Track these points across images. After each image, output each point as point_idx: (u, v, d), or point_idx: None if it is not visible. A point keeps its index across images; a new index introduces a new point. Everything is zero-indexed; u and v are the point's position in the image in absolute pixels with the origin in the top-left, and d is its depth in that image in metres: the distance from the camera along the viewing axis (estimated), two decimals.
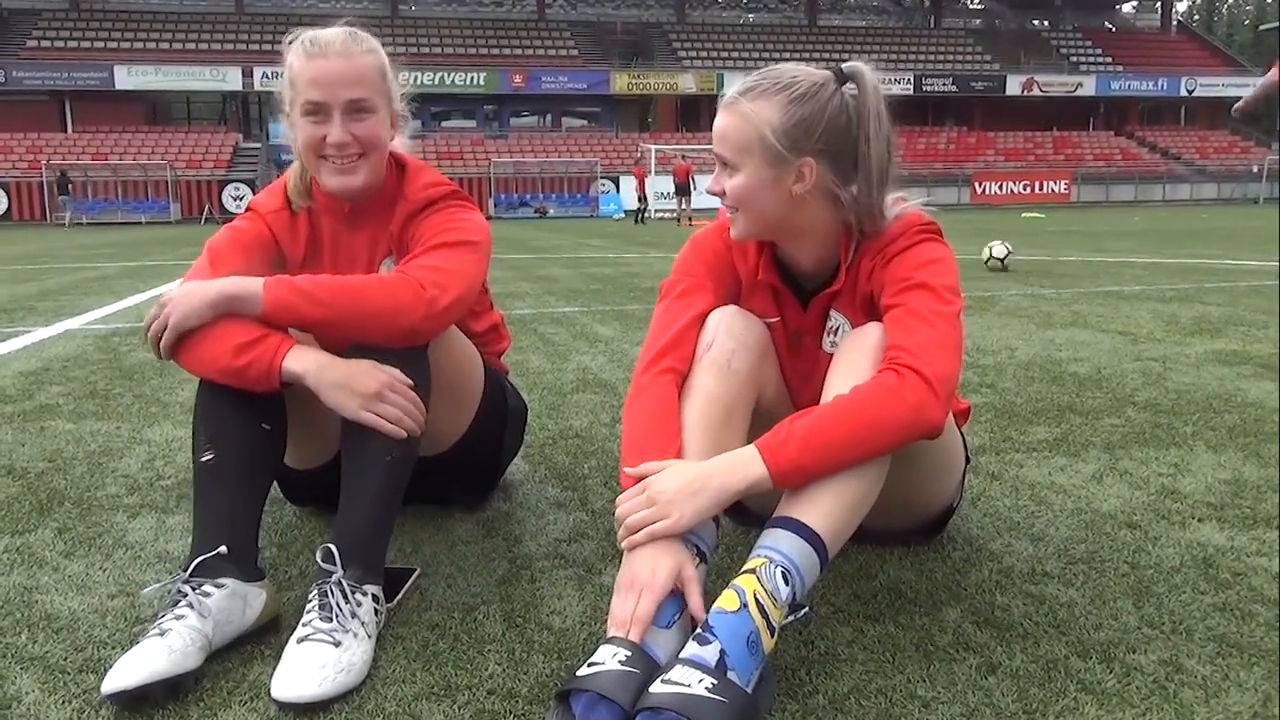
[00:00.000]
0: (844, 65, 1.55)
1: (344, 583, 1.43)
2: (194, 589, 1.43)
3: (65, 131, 36.98)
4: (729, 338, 1.59)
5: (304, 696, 1.29)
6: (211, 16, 41.96)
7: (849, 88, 1.54)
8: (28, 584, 1.71)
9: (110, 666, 1.32)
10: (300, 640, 1.37)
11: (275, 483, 1.96)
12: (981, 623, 1.54)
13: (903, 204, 1.62)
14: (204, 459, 1.55)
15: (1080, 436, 2.65)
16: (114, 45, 38.69)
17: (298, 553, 1.87)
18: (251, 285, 1.57)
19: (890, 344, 1.48)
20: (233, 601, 1.45)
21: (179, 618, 1.38)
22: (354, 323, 1.59)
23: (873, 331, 1.54)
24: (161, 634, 1.35)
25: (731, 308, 1.65)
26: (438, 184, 1.83)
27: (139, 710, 1.28)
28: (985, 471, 2.33)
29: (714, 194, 1.61)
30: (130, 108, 37.54)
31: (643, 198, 27.14)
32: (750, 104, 1.53)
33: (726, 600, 1.28)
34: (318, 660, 1.33)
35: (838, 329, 1.66)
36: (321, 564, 1.45)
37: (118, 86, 36.51)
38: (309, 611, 1.42)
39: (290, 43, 1.74)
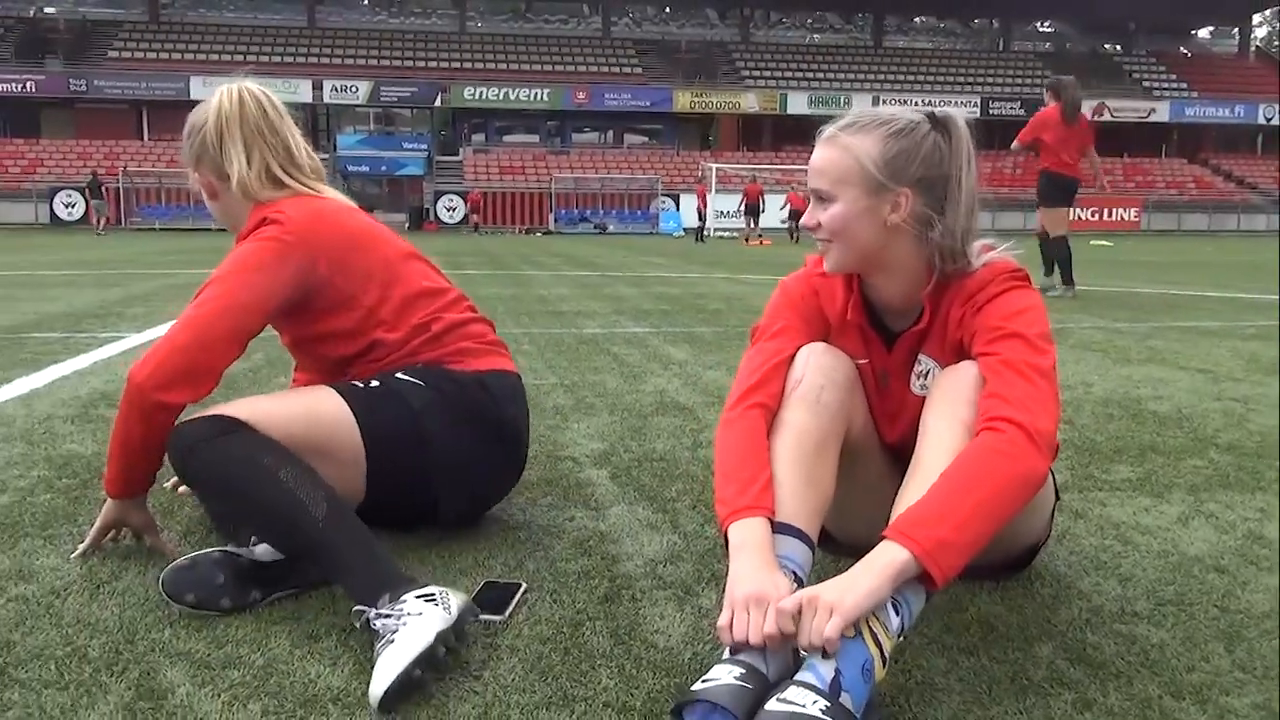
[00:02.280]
0: (937, 111, 1.63)
1: (380, 610, 1.50)
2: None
3: (142, 140, 38.23)
4: (818, 373, 1.65)
5: (378, 690, 1.37)
6: (284, 30, 43.14)
7: (941, 131, 1.61)
8: None
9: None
10: (374, 662, 1.46)
11: None
12: (1074, 660, 1.58)
13: (990, 251, 1.68)
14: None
15: (1163, 477, 2.66)
16: (190, 57, 40.04)
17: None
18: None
19: (990, 393, 1.52)
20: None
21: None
22: (116, 453, 1.91)
23: (967, 371, 1.59)
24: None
25: (820, 345, 1.71)
26: (255, 222, 1.98)
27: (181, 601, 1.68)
28: (1069, 509, 2.36)
29: (809, 228, 1.67)
30: None
31: (703, 216, 27.24)
32: (849, 137, 1.60)
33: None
34: (386, 659, 1.41)
35: (927, 373, 1.71)
36: (359, 625, 1.54)
37: (192, 97, 37.57)
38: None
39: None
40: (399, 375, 1.98)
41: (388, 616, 1.48)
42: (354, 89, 37.86)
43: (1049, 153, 8.11)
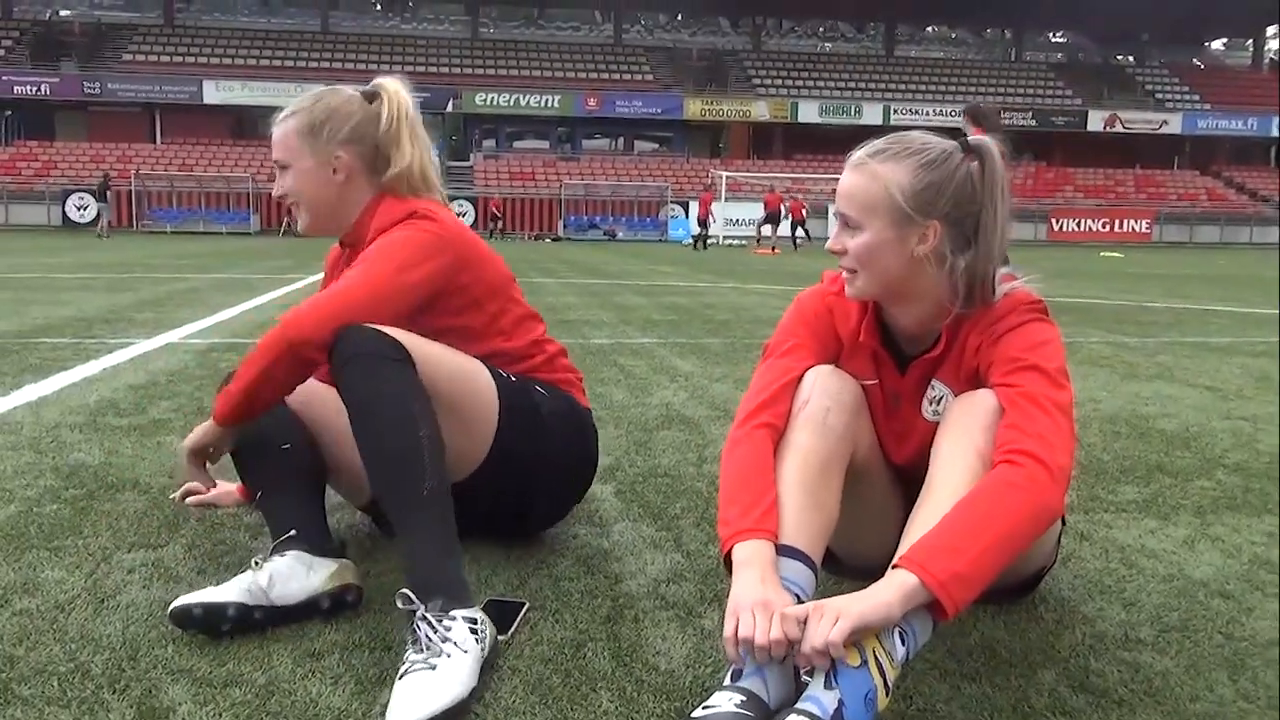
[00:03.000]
0: (971, 140, 1.61)
1: (428, 615, 1.51)
2: (262, 561, 1.74)
3: (154, 143, 38.43)
4: (824, 396, 1.65)
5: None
6: (297, 35, 43.35)
7: (975, 161, 1.60)
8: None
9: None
10: (402, 675, 1.47)
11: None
12: (1077, 687, 1.57)
13: (1011, 281, 1.67)
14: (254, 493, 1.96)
15: (1170, 499, 2.65)
16: (204, 61, 40.23)
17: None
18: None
19: (1009, 424, 1.52)
20: (295, 565, 1.72)
21: (237, 576, 1.71)
22: (254, 378, 1.83)
23: (985, 399, 1.58)
24: (218, 585, 1.66)
25: (828, 367, 1.70)
26: (401, 213, 1.99)
27: (185, 628, 1.66)
28: (1074, 531, 2.35)
29: (834, 253, 1.65)
30: (217, 121, 38.91)
31: (703, 223, 27.13)
32: (879, 165, 1.58)
33: (848, 654, 1.33)
34: (417, 687, 1.42)
35: (940, 399, 1.71)
36: (403, 607, 1.55)
37: (206, 101, 37.92)
38: (404, 649, 1.52)
39: None
40: (531, 381, 2.07)
41: (432, 628, 1.50)
42: None
43: None
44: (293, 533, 1.77)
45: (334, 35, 43.43)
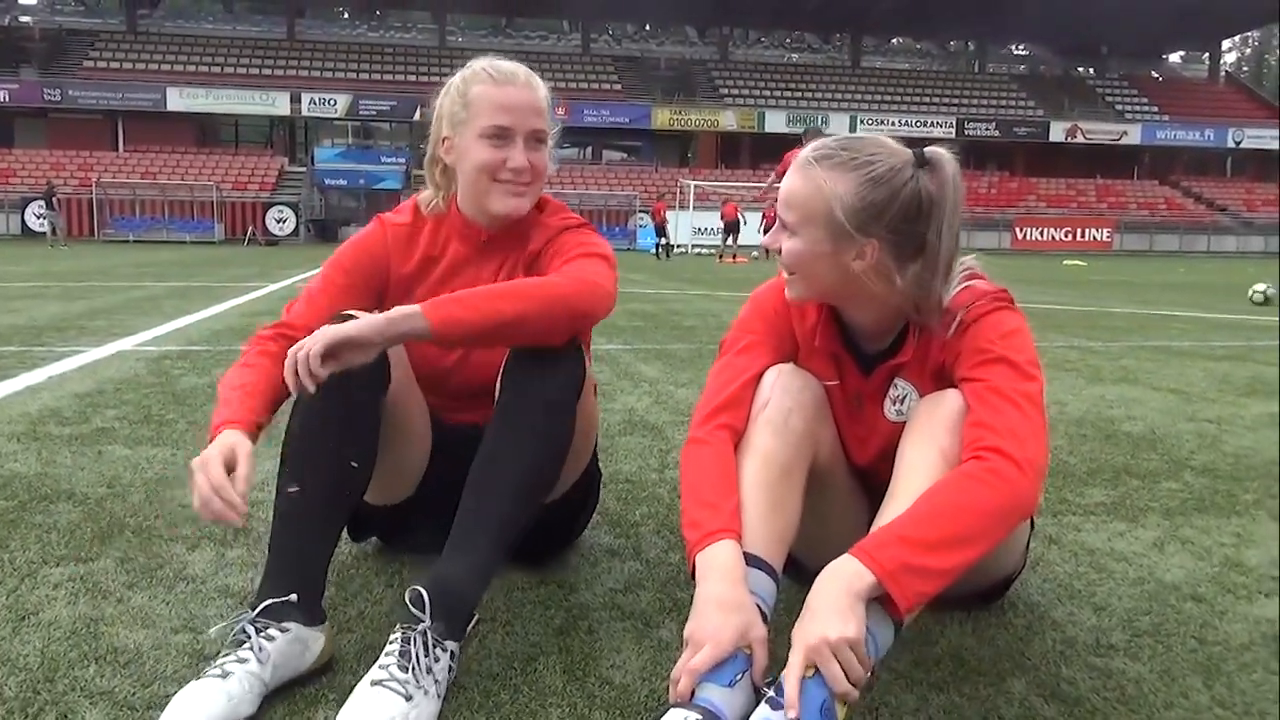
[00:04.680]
0: (926, 150, 1.51)
1: (429, 635, 1.42)
2: (258, 631, 1.44)
3: (117, 150, 37.86)
4: (785, 396, 1.59)
5: None
6: (263, 42, 42.94)
7: (928, 174, 1.49)
8: (93, 615, 1.73)
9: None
10: (374, 683, 1.37)
11: None
12: (1048, 696, 1.52)
13: (972, 275, 1.60)
14: (290, 490, 1.56)
15: (1138, 501, 2.61)
16: (167, 67, 39.72)
17: (355, 593, 1.87)
18: (410, 311, 1.53)
19: (975, 421, 1.46)
20: (293, 646, 1.46)
21: (241, 660, 1.40)
22: (516, 317, 1.58)
23: (951, 400, 1.52)
24: (223, 676, 1.37)
25: (788, 366, 1.64)
26: (572, 217, 1.92)
27: None
28: (1043, 535, 2.30)
29: (770, 249, 1.59)
30: (180, 129, 38.42)
31: (659, 231, 27.22)
32: (825, 172, 1.50)
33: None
34: (386, 710, 1.33)
35: (903, 398, 1.65)
36: (411, 608, 1.45)
37: (169, 108, 37.40)
38: (388, 655, 1.41)
39: (463, 69, 1.85)
40: None
41: (425, 650, 1.41)
42: (332, 102, 37.65)
43: None
44: (293, 597, 1.49)
45: (300, 42, 43.04)
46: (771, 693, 1.27)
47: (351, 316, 1.54)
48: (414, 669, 1.38)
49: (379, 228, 1.91)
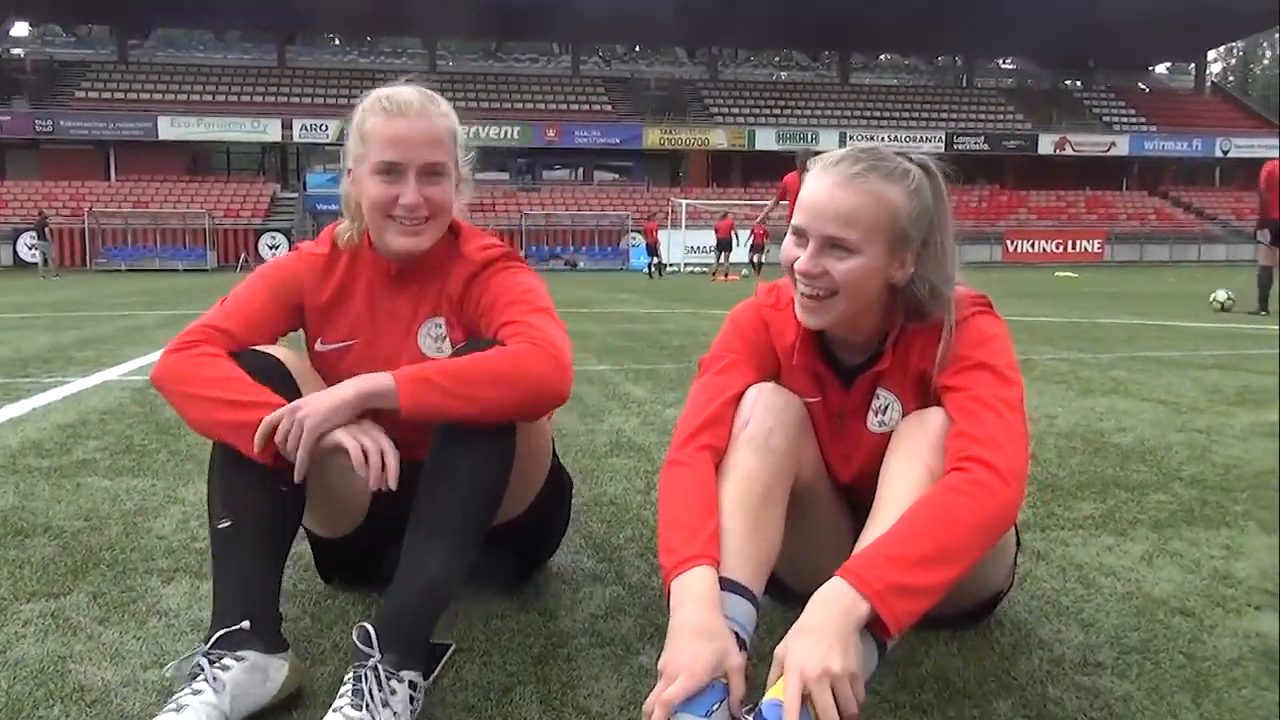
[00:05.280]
0: (914, 157, 1.54)
1: (380, 669, 1.39)
2: (212, 662, 1.41)
3: (108, 180, 37.89)
4: (767, 415, 1.57)
5: None
6: (254, 70, 43.07)
7: (929, 180, 1.54)
8: (62, 652, 1.70)
9: None
10: None
11: (312, 557, 1.96)
12: (1034, 717, 1.49)
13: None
14: (221, 525, 1.55)
15: (1127, 514, 2.59)
16: (158, 96, 39.81)
17: (331, 624, 1.84)
18: (383, 382, 1.54)
19: (957, 432, 1.45)
20: (252, 675, 1.43)
21: (195, 693, 1.37)
22: (496, 409, 1.56)
23: (934, 416, 1.51)
24: (178, 710, 1.34)
25: (769, 385, 1.63)
26: (493, 245, 1.85)
27: None
28: (1030, 550, 2.27)
29: (807, 275, 1.51)
30: (172, 157, 38.46)
31: (651, 250, 27.31)
32: (880, 184, 1.48)
33: (780, 689, 1.24)
34: None
35: (886, 408, 1.63)
36: (359, 645, 1.43)
37: (160, 137, 37.47)
38: (341, 695, 1.39)
39: (364, 98, 1.75)
40: None
41: (378, 684, 1.39)
42: (324, 128, 37.70)
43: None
44: (245, 625, 1.45)
45: (291, 69, 43.18)
46: (750, 718, 1.25)
47: (266, 355, 1.60)
48: (368, 705, 1.35)
49: (296, 256, 1.86)
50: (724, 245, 25.42)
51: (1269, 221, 10.00)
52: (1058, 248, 38.41)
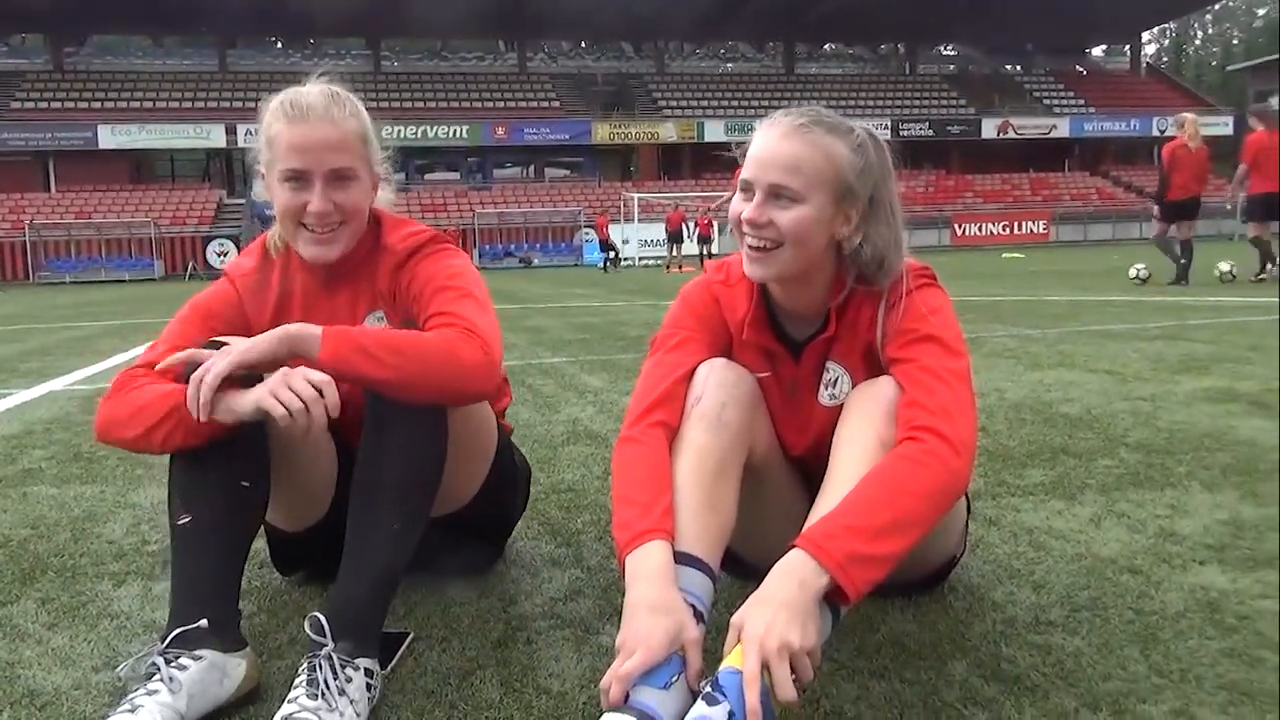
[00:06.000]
0: (858, 126, 1.57)
1: (334, 657, 1.38)
2: (169, 661, 1.39)
3: (49, 191, 37.01)
4: (719, 390, 1.58)
5: None
6: (195, 75, 42.27)
7: (874, 145, 1.57)
8: (9, 658, 1.66)
9: None
10: (285, 718, 1.33)
11: (267, 550, 1.93)
12: (989, 676, 1.51)
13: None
14: (181, 521, 1.52)
15: (1075, 479, 2.64)
16: (97, 105, 38.92)
17: (287, 619, 1.82)
18: (309, 331, 1.49)
19: (908, 402, 1.47)
20: (210, 674, 1.41)
21: (151, 693, 1.35)
22: (419, 385, 1.52)
23: (885, 385, 1.53)
24: (132, 710, 1.32)
25: (721, 360, 1.63)
26: (417, 232, 1.81)
27: None
28: (982, 517, 2.31)
29: (754, 224, 1.52)
30: (114, 166, 37.64)
31: (605, 245, 27.46)
32: (825, 137, 1.51)
33: (736, 658, 1.25)
34: None
35: (836, 380, 1.65)
36: (311, 635, 1.41)
37: (101, 146, 36.65)
38: (296, 686, 1.38)
39: (268, 101, 1.70)
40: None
41: (333, 672, 1.37)
42: None
43: None
44: (203, 623, 1.43)
45: (233, 74, 42.45)
46: (708, 688, 1.25)
47: (222, 343, 1.51)
48: (324, 694, 1.34)
49: (227, 284, 1.80)
50: (676, 237, 25.52)
51: (1168, 202, 10.64)
52: (1005, 230, 38.95)
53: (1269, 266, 10.34)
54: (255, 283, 1.79)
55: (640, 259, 31.50)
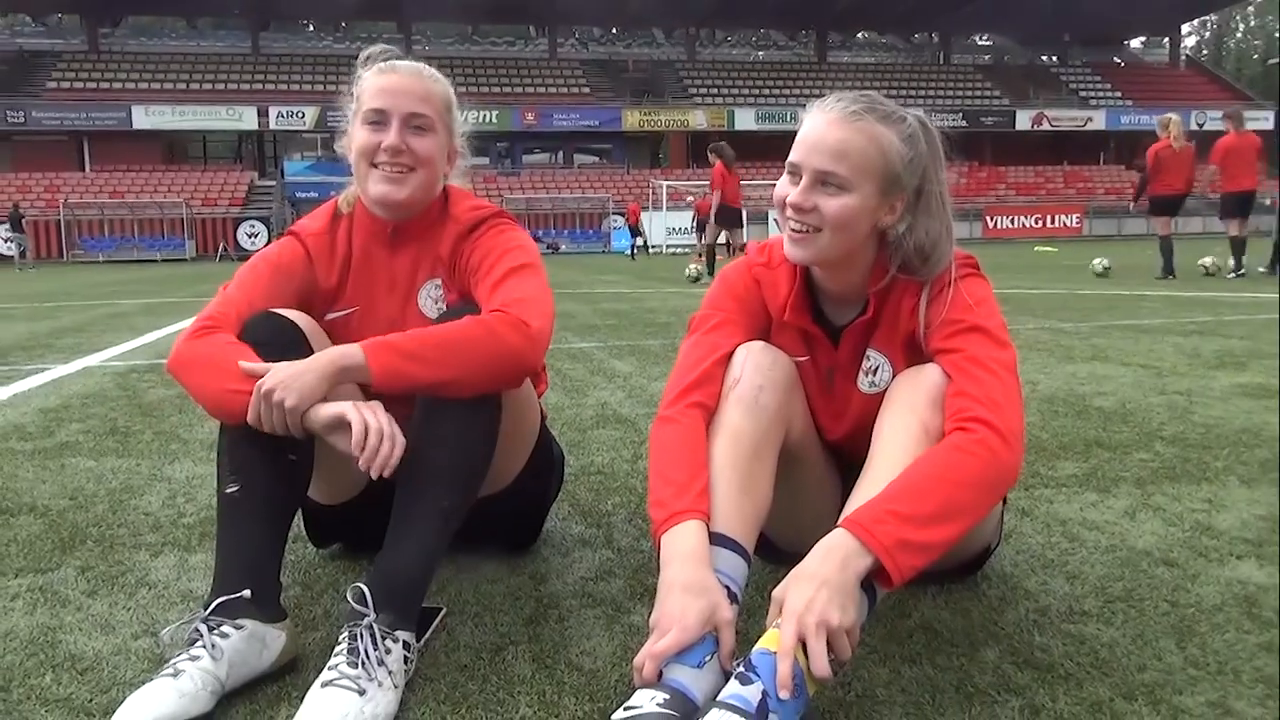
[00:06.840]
0: (910, 114, 1.55)
1: (375, 628, 1.40)
2: (211, 629, 1.41)
3: (83, 171, 37.47)
4: (756, 373, 1.57)
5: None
6: (228, 57, 42.61)
7: (927, 135, 1.55)
8: (51, 624, 1.69)
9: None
10: (325, 684, 1.35)
11: (301, 522, 1.95)
12: (1021, 663, 1.51)
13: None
14: (229, 490, 1.54)
15: (1110, 472, 2.61)
16: (132, 86, 39.34)
17: (321, 591, 1.84)
18: (355, 355, 1.52)
19: (956, 392, 1.45)
20: (250, 643, 1.43)
21: (193, 659, 1.37)
22: (469, 377, 1.55)
23: (930, 373, 1.51)
24: (174, 675, 1.34)
25: (759, 343, 1.63)
26: (483, 205, 1.87)
27: None
28: (1015, 508, 2.29)
29: (798, 209, 1.51)
30: (147, 147, 38.06)
31: (635, 232, 27.57)
32: (876, 125, 1.50)
33: (770, 640, 1.25)
34: (340, 708, 1.30)
35: (876, 368, 1.64)
36: (353, 605, 1.43)
37: (135, 126, 37.05)
38: (336, 654, 1.39)
39: (365, 63, 1.80)
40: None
41: (373, 643, 1.39)
42: (300, 115, 37.38)
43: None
44: (246, 593, 1.45)
45: (265, 56, 42.74)
46: (741, 668, 1.25)
47: (280, 318, 1.57)
48: (364, 663, 1.36)
49: (295, 243, 1.84)
50: (704, 225, 25.47)
51: (1157, 197, 11.14)
52: (1037, 223, 38.58)
53: (1233, 263, 10.45)
54: (325, 244, 1.84)
55: (668, 247, 31.45)
